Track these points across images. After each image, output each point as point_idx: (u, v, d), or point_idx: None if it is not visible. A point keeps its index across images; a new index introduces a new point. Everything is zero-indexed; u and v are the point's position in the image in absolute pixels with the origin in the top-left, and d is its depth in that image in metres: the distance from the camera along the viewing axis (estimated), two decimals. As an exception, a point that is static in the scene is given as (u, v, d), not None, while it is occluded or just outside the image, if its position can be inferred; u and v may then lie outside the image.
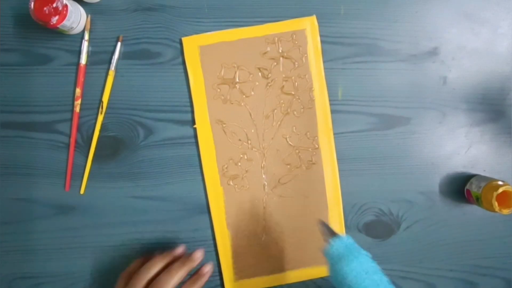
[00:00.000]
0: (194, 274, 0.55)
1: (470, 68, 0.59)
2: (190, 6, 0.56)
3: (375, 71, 0.58)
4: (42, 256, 0.58)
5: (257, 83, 0.57)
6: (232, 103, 0.57)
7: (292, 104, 0.58)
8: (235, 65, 0.57)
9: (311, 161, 0.58)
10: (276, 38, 0.57)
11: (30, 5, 0.50)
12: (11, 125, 0.56)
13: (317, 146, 0.58)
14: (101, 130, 0.57)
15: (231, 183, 0.58)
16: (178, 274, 0.51)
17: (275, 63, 0.57)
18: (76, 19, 0.53)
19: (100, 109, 0.56)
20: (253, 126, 0.58)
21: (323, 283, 0.59)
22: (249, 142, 0.58)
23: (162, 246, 0.57)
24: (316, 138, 0.58)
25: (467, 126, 0.60)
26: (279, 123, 0.58)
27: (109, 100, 0.57)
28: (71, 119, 0.57)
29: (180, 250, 0.55)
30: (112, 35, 0.56)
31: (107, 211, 0.58)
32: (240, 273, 0.58)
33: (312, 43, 0.57)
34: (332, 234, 0.48)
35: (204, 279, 0.55)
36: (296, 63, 0.57)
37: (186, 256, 0.53)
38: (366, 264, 0.44)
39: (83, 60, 0.56)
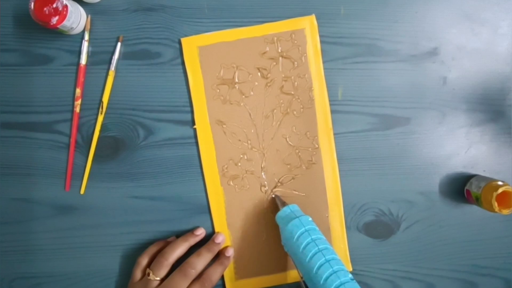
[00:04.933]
0: (218, 257, 0.57)
1: (470, 68, 0.59)
2: (190, 7, 0.57)
3: (375, 71, 0.58)
4: (42, 256, 0.58)
5: (256, 83, 0.57)
6: (231, 103, 0.57)
7: (291, 104, 0.58)
8: (234, 65, 0.57)
9: (311, 161, 0.58)
10: (275, 38, 0.57)
11: (30, 5, 0.50)
12: (11, 125, 0.57)
13: (317, 145, 0.58)
14: (101, 130, 0.57)
15: (231, 183, 0.58)
16: (206, 257, 0.55)
17: (274, 63, 0.57)
18: (76, 19, 0.53)
19: (100, 109, 0.56)
20: (253, 126, 0.58)
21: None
22: (249, 142, 0.58)
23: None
24: (316, 137, 0.58)
25: (467, 126, 0.60)
26: (278, 123, 0.58)
27: (109, 100, 0.57)
28: (71, 119, 0.57)
29: (200, 230, 0.57)
30: (112, 35, 0.56)
31: (107, 211, 0.58)
32: (241, 272, 0.58)
33: (312, 43, 0.57)
34: (283, 204, 0.55)
35: (228, 261, 0.57)
36: (296, 62, 0.57)
37: (210, 241, 0.56)
38: (306, 224, 0.51)
39: (83, 60, 0.56)
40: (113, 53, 0.56)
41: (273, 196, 0.58)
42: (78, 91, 0.56)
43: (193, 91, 0.57)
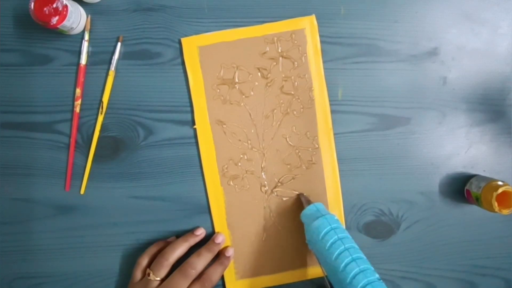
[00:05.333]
0: (218, 257, 0.57)
1: (470, 68, 0.59)
2: (190, 7, 0.57)
3: (375, 71, 0.58)
4: (42, 256, 0.58)
5: (256, 83, 0.57)
6: (231, 104, 0.57)
7: (291, 104, 0.58)
8: (234, 65, 0.57)
9: (311, 161, 0.58)
10: (275, 38, 0.57)
11: (30, 5, 0.50)
12: (11, 125, 0.57)
13: (317, 145, 0.58)
14: (101, 130, 0.57)
15: (231, 183, 0.58)
16: (206, 257, 0.55)
17: (275, 63, 0.57)
18: (76, 19, 0.53)
19: (100, 109, 0.56)
20: (253, 126, 0.58)
21: (323, 283, 0.58)
22: (249, 142, 0.58)
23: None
24: (316, 137, 0.58)
25: (467, 126, 0.60)
26: (278, 123, 0.58)
27: (109, 100, 0.57)
28: (71, 119, 0.57)
29: (200, 231, 0.57)
30: (112, 35, 0.56)
31: (107, 211, 0.58)
32: (241, 272, 0.58)
33: (312, 43, 0.57)
34: (308, 202, 0.55)
35: (228, 261, 0.57)
36: (296, 62, 0.57)
37: (210, 241, 0.56)
38: (332, 222, 0.51)
39: (83, 60, 0.56)
40: (113, 53, 0.56)
41: (298, 194, 0.58)
42: (78, 91, 0.56)
43: (193, 91, 0.57)
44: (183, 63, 0.57)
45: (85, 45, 0.56)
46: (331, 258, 0.48)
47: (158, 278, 0.52)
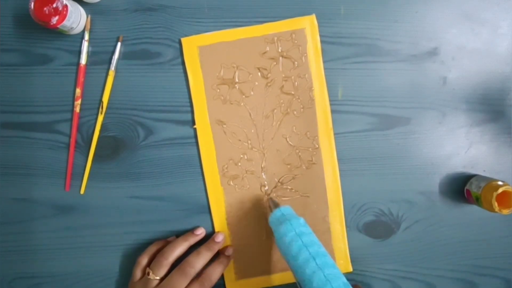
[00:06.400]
0: (218, 256, 0.57)
1: (470, 68, 0.59)
2: (190, 6, 0.57)
3: (375, 71, 0.58)
4: (42, 256, 0.58)
5: (256, 83, 0.57)
6: (231, 103, 0.57)
7: (292, 104, 0.58)
8: (235, 65, 0.57)
9: (311, 161, 0.58)
10: (276, 38, 0.57)
11: (30, 5, 0.50)
12: (11, 125, 0.57)
13: (317, 146, 0.58)
14: (101, 130, 0.57)
15: (231, 183, 0.58)
16: (206, 256, 0.54)
17: (275, 63, 0.57)
18: (76, 19, 0.53)
19: (100, 109, 0.56)
20: (253, 126, 0.58)
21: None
22: (249, 142, 0.58)
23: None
24: (316, 137, 0.58)
25: (467, 126, 0.60)
26: (279, 123, 0.58)
27: (109, 100, 0.57)
28: (71, 119, 0.57)
29: (200, 230, 0.57)
30: (112, 35, 0.56)
31: (107, 211, 0.58)
32: (241, 272, 0.58)
33: (312, 42, 0.57)
34: (276, 206, 0.54)
35: (228, 261, 0.57)
36: (296, 62, 0.57)
37: (210, 240, 0.56)
38: (297, 227, 0.49)
39: (83, 60, 0.56)
40: (113, 53, 0.56)
41: (268, 198, 0.58)
42: (78, 91, 0.56)
43: (193, 91, 0.57)
44: (183, 63, 0.57)
45: (85, 45, 0.56)
46: (298, 265, 0.46)
47: (158, 277, 0.52)
